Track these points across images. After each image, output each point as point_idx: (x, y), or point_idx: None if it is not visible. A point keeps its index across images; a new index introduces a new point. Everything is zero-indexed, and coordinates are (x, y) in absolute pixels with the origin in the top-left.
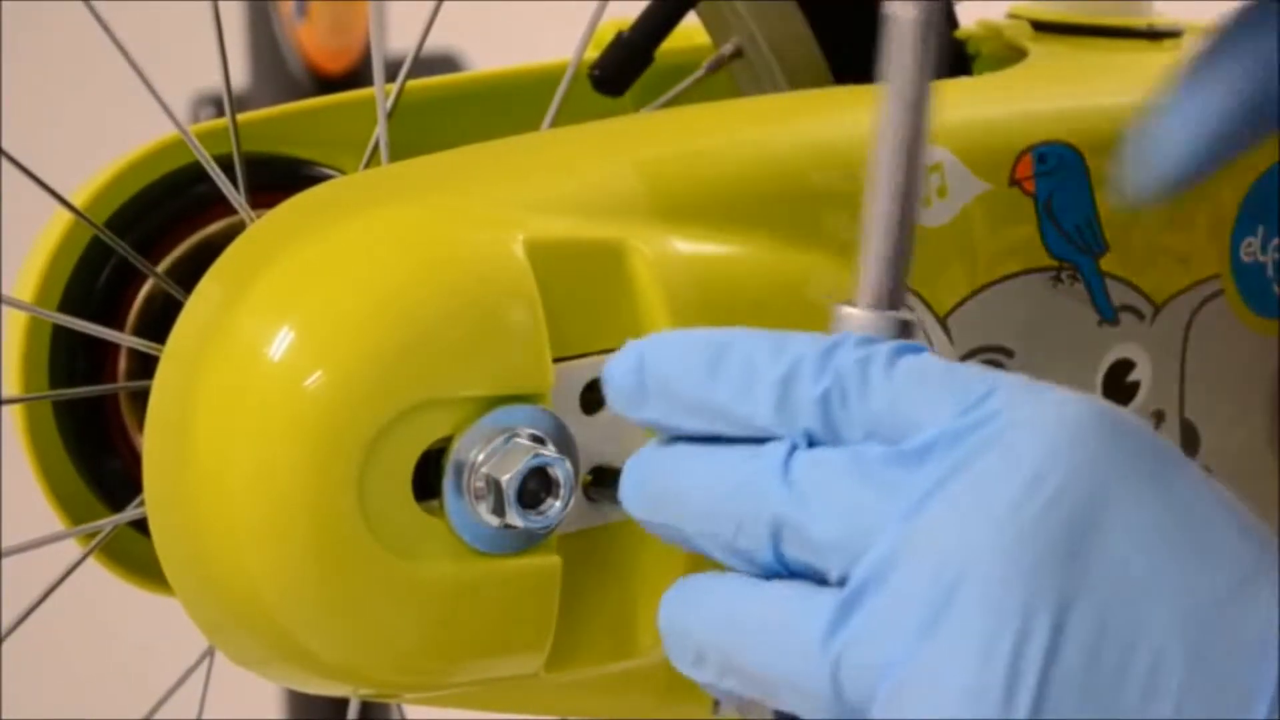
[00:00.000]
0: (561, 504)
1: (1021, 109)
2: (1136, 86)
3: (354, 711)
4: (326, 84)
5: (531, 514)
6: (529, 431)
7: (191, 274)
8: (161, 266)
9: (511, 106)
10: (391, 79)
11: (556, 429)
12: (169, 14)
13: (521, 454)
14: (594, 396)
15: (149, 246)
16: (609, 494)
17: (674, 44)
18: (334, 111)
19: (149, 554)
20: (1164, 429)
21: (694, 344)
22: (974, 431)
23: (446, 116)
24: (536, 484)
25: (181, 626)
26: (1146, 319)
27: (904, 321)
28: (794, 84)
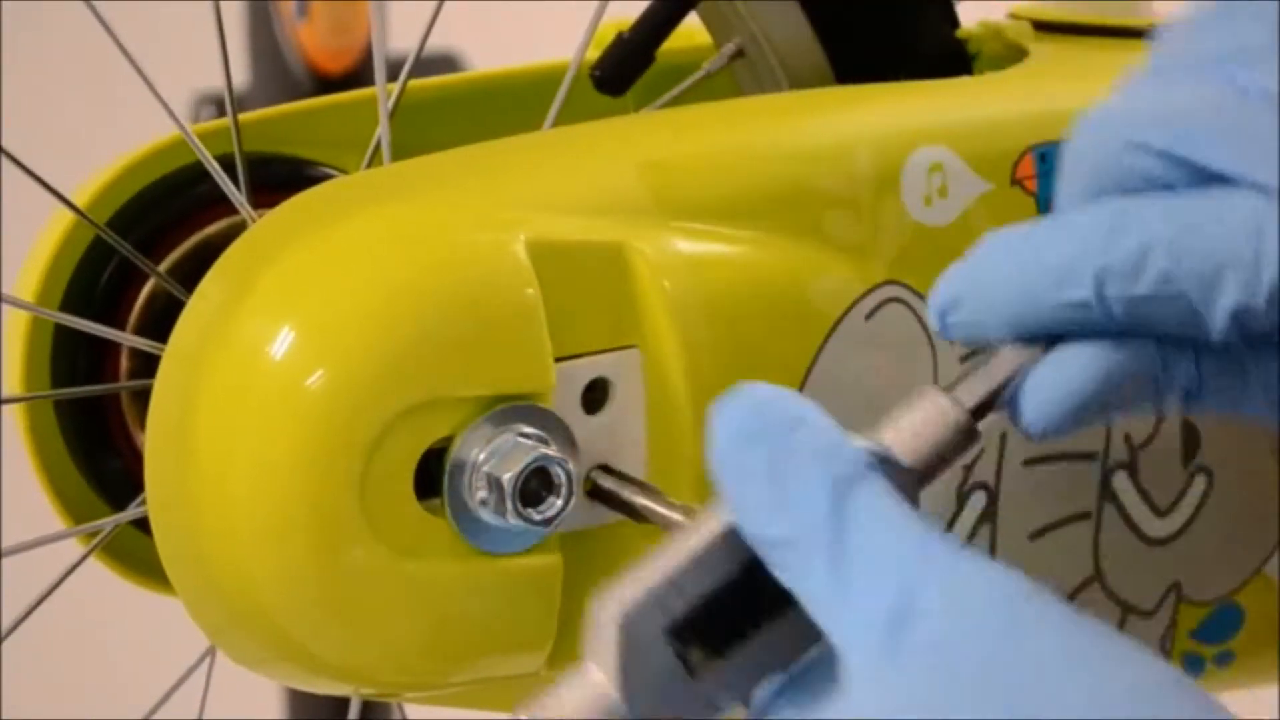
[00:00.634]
0: (562, 503)
1: (1023, 109)
2: None
3: (355, 711)
4: (327, 84)
5: (532, 513)
6: (530, 431)
7: (193, 273)
8: (163, 266)
9: (512, 106)
10: (392, 79)
11: (558, 428)
12: (169, 14)
13: (523, 453)
14: (595, 396)
15: (150, 246)
16: None
17: (675, 44)
18: (335, 111)
19: (150, 553)
20: (1164, 429)
21: None
22: None
23: (447, 116)
24: (538, 483)
25: (182, 626)
26: None
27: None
28: (795, 84)
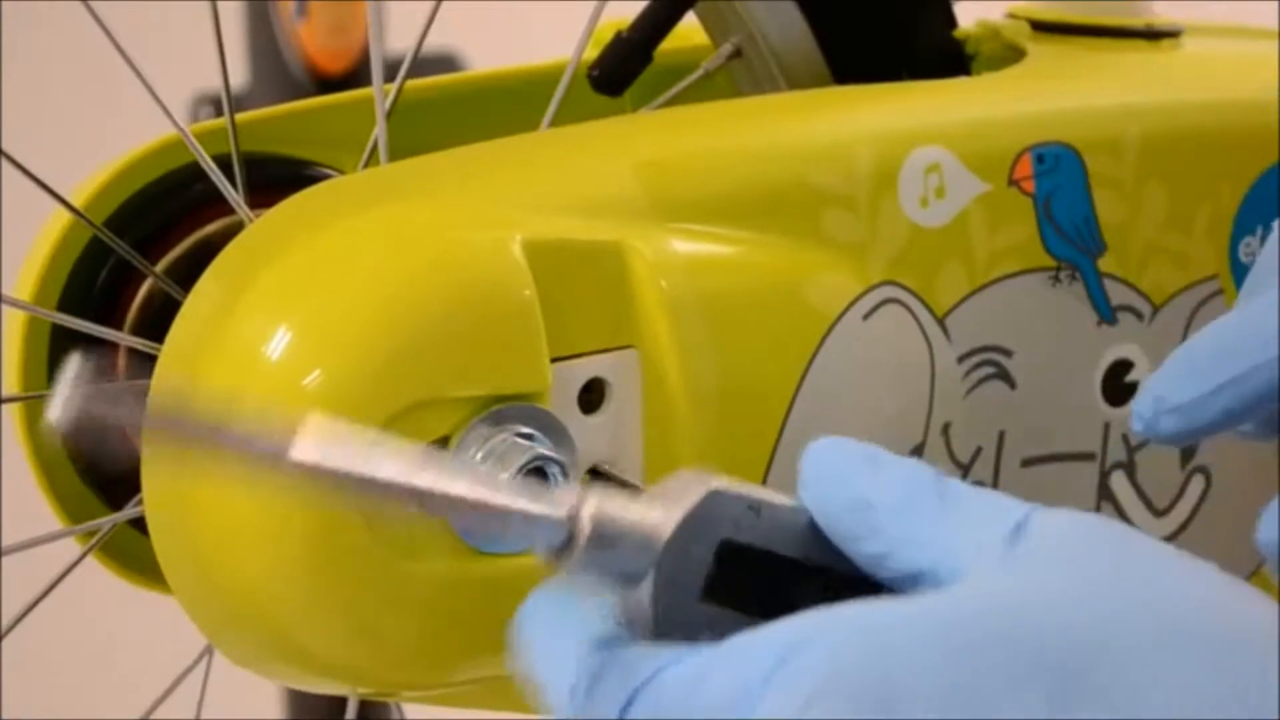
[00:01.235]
0: None
1: (1020, 109)
2: (1135, 86)
3: (352, 710)
4: (326, 84)
5: None
6: (527, 431)
7: (190, 273)
8: (160, 266)
9: (511, 106)
10: (391, 79)
11: (555, 428)
12: (169, 14)
13: (519, 453)
14: (592, 396)
15: (148, 246)
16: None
17: (673, 44)
18: (333, 111)
19: (148, 553)
20: None
21: None
22: None
23: (446, 116)
24: (534, 483)
25: (180, 626)
26: (1145, 319)
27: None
28: (793, 84)
